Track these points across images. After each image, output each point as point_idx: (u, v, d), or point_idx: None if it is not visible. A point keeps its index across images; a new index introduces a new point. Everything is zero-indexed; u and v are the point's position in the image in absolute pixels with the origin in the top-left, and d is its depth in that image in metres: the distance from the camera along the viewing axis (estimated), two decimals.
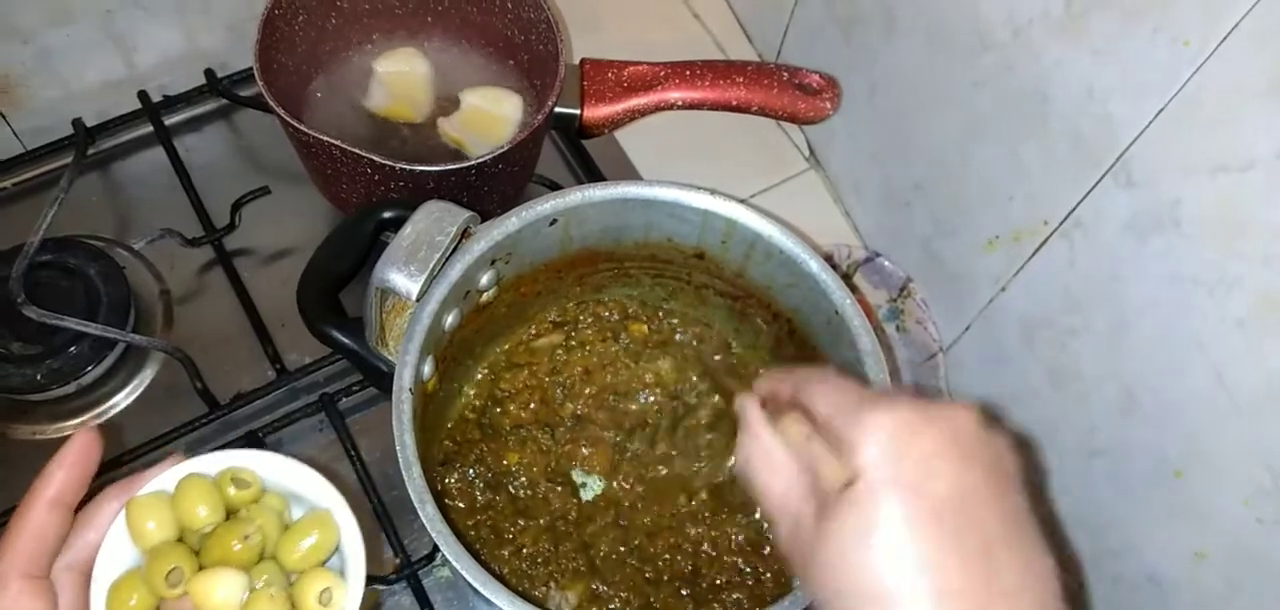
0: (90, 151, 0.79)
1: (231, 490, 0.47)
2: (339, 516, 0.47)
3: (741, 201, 0.64)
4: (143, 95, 0.82)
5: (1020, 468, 0.44)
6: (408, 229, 0.58)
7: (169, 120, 0.82)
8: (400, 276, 0.56)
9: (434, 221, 0.58)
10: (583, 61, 0.80)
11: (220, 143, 0.84)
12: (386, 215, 0.65)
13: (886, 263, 0.85)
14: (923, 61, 0.77)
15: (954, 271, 0.79)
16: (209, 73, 0.83)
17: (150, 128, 0.81)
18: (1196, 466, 0.61)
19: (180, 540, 0.46)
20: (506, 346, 0.72)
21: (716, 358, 0.73)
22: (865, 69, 0.84)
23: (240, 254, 0.78)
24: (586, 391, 0.71)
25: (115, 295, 0.72)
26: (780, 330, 0.68)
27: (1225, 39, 0.54)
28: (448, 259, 0.59)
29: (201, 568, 0.45)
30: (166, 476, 0.46)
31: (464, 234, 0.60)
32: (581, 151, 0.87)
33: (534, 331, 0.73)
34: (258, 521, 0.46)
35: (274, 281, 0.78)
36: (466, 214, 0.59)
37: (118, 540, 0.45)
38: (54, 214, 0.70)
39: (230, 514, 0.47)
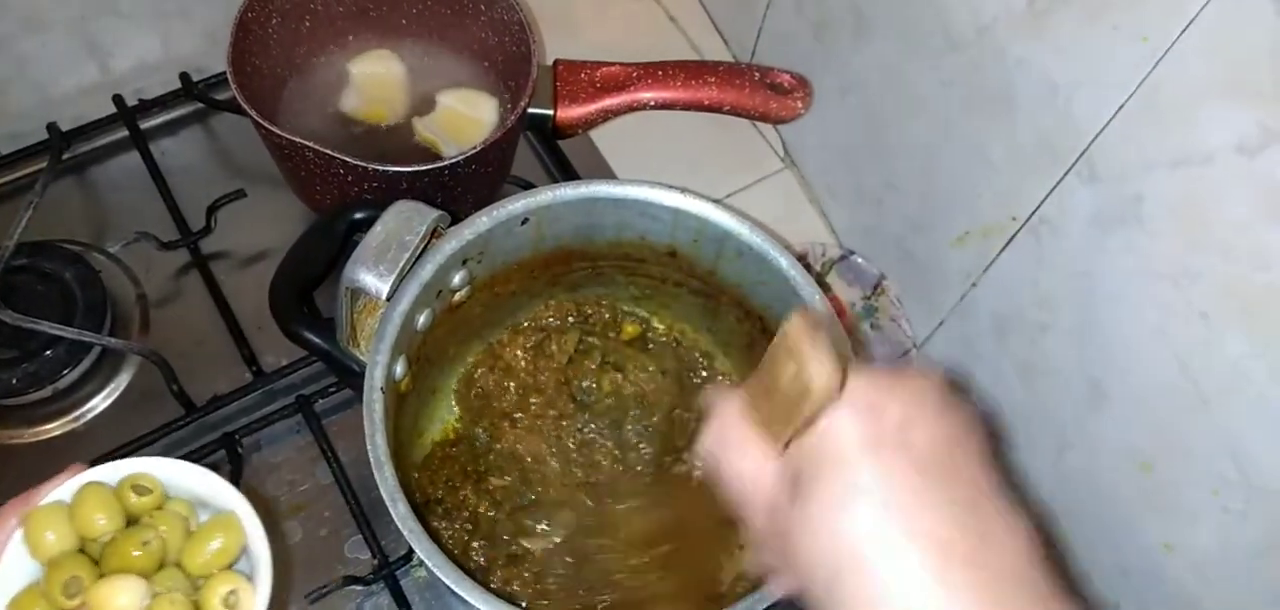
0: (65, 156, 0.79)
1: (132, 498, 0.47)
2: (245, 519, 0.48)
3: (712, 200, 0.65)
4: (118, 99, 0.82)
5: (984, 438, 0.43)
6: (377, 229, 0.59)
7: (144, 124, 0.82)
8: (370, 276, 0.57)
9: (403, 221, 0.59)
10: (556, 63, 0.81)
11: (196, 146, 0.84)
12: (358, 215, 0.65)
13: (860, 260, 0.86)
14: (893, 61, 0.78)
15: (926, 268, 0.80)
16: (184, 76, 0.83)
17: (126, 132, 0.81)
18: (1164, 459, 0.61)
19: (81, 551, 0.46)
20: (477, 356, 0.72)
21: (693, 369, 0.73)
22: (837, 69, 0.84)
23: (216, 257, 0.79)
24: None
25: (91, 298, 0.73)
26: (753, 328, 0.69)
27: (1181, 34, 0.54)
28: (418, 258, 0.59)
29: (102, 576, 0.45)
30: (65, 487, 0.46)
31: (434, 233, 0.60)
32: (556, 152, 0.87)
33: (505, 340, 0.73)
34: (160, 528, 0.46)
35: (250, 284, 0.78)
36: (436, 213, 0.60)
37: (16, 555, 0.45)
38: (29, 218, 0.70)
39: (132, 522, 0.47)
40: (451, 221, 0.61)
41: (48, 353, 0.71)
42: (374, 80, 0.84)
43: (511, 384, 0.71)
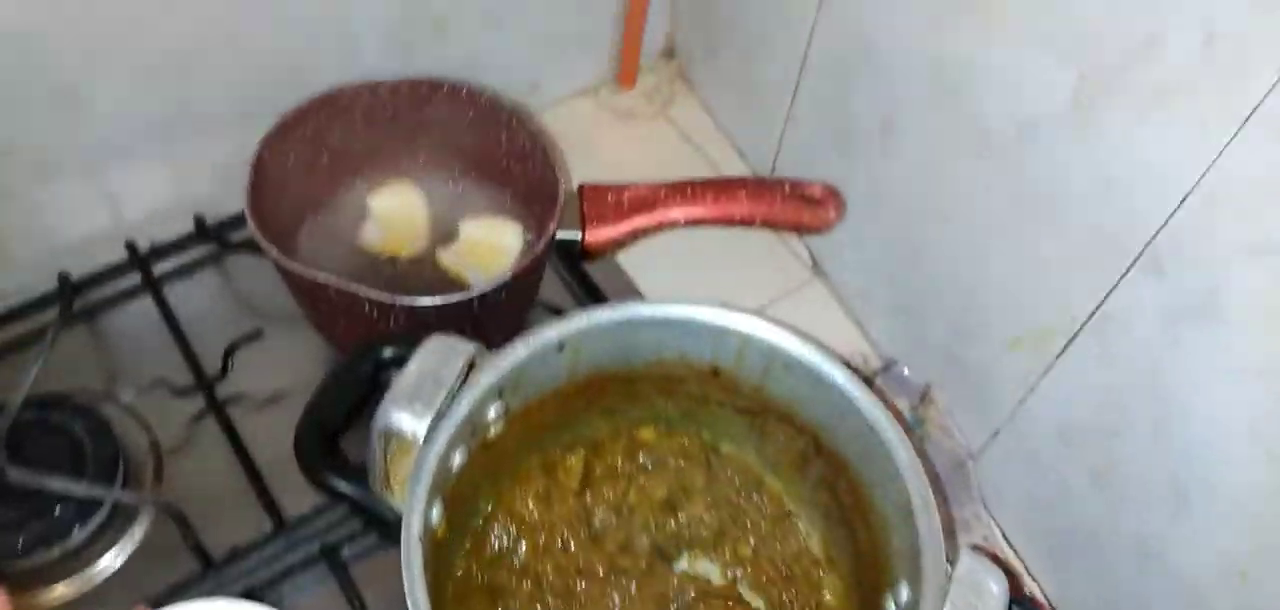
0: (76, 305, 0.76)
1: None
2: None
3: (757, 314, 0.62)
4: (130, 245, 0.79)
5: None
6: (411, 367, 0.55)
7: (158, 269, 0.80)
8: (405, 417, 0.53)
9: (438, 357, 0.55)
10: (581, 186, 0.78)
11: (211, 289, 0.82)
12: (386, 353, 0.62)
13: (904, 370, 0.82)
14: (925, 166, 0.76)
15: (977, 376, 0.76)
16: (198, 219, 0.81)
17: (139, 278, 0.79)
18: (1263, 565, 0.57)
19: None
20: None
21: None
22: (865, 177, 0.82)
23: (233, 401, 0.75)
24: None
25: (102, 451, 0.69)
26: (806, 445, 0.65)
27: (1247, 121, 0.52)
28: (454, 395, 0.55)
29: None
30: None
31: (469, 368, 0.57)
32: (582, 275, 0.85)
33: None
34: None
35: (269, 428, 0.74)
36: (471, 346, 0.56)
37: None
38: (37, 371, 0.67)
39: None
40: (486, 353, 0.58)
41: (56, 511, 0.67)
42: (394, 213, 0.82)
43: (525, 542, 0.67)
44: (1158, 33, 0.55)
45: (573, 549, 0.67)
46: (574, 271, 0.85)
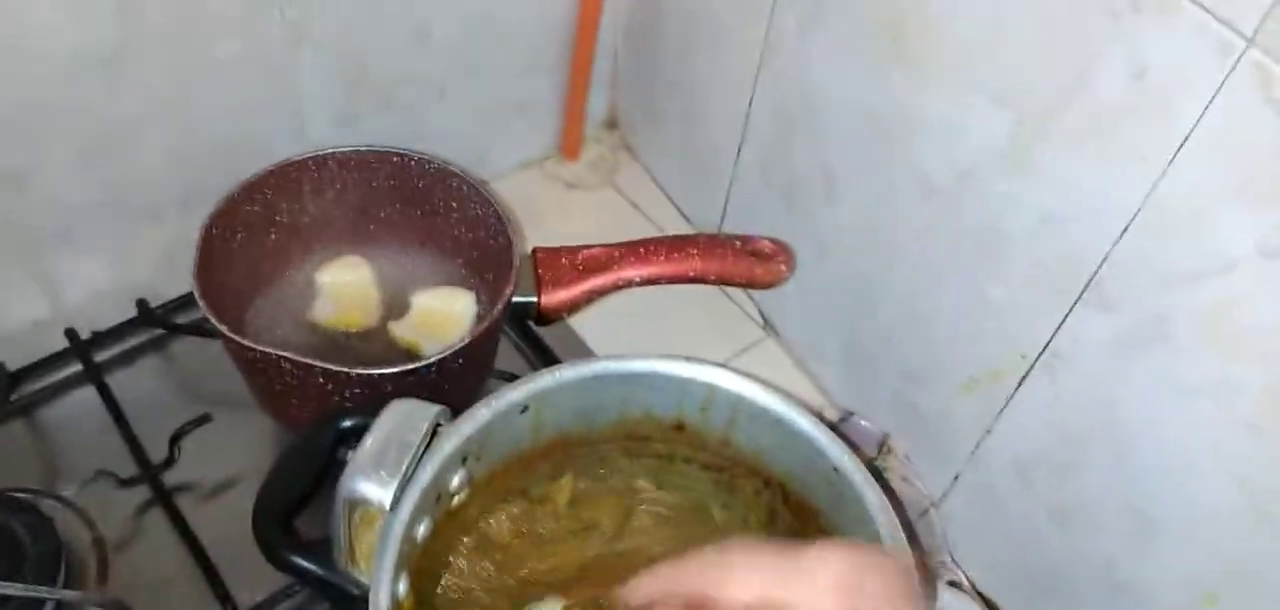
0: (14, 396, 0.73)
1: None
2: None
3: (721, 366, 0.62)
4: (70, 333, 0.77)
5: None
6: (374, 433, 0.54)
7: (99, 357, 0.77)
8: (370, 485, 0.52)
9: (401, 420, 0.54)
10: (535, 250, 0.78)
11: (155, 375, 0.79)
12: (345, 424, 0.60)
13: (861, 421, 0.83)
14: (868, 217, 0.77)
15: (933, 421, 0.77)
16: (141, 303, 0.79)
17: (79, 366, 0.76)
18: (1232, 586, 0.58)
19: None
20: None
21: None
22: (810, 232, 0.84)
23: (181, 490, 0.72)
24: None
25: (42, 549, 0.66)
26: (773, 498, 0.65)
27: (1179, 150, 0.54)
28: (419, 460, 0.54)
29: None
30: None
31: (434, 431, 0.56)
32: (536, 340, 0.84)
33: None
34: None
35: (220, 516, 0.71)
36: (436, 409, 0.55)
37: None
38: None
39: None
40: (454, 414, 0.57)
41: None
42: (344, 287, 0.81)
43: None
44: (1088, 71, 0.57)
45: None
46: (527, 338, 0.85)
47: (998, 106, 0.63)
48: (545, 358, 0.83)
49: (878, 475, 0.79)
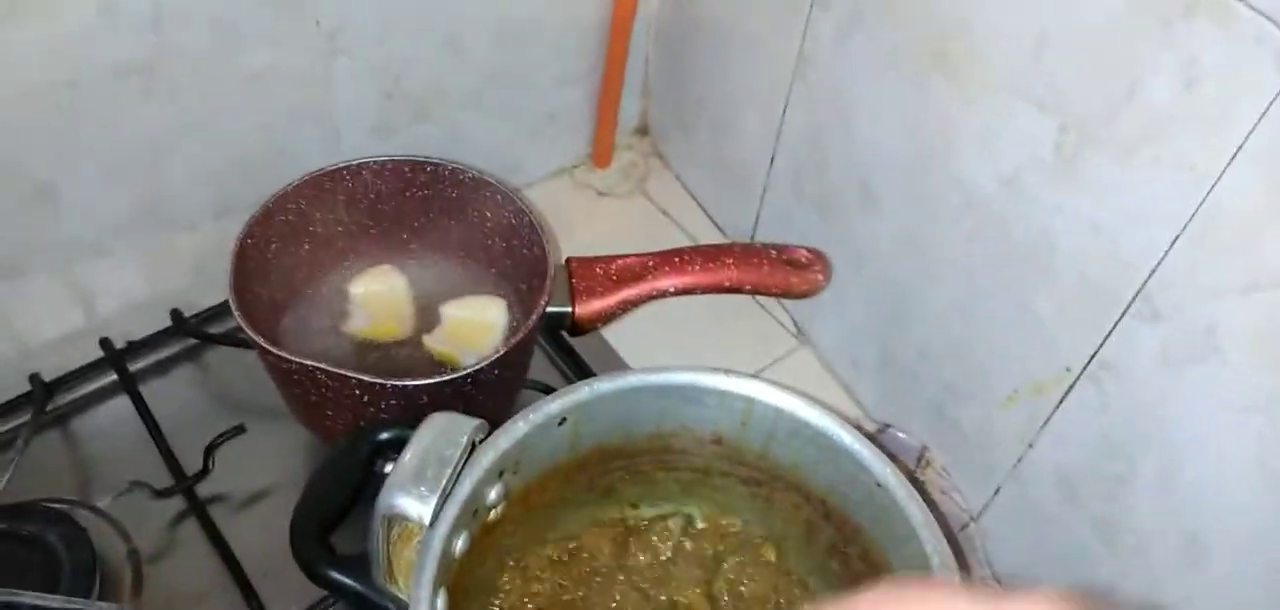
0: (49, 408, 0.74)
1: None
2: None
3: (762, 379, 0.61)
4: (105, 343, 0.77)
5: None
6: (412, 447, 0.54)
7: (133, 367, 0.77)
8: (410, 501, 0.51)
9: (440, 435, 0.54)
10: (569, 259, 0.78)
11: (189, 385, 0.79)
12: (382, 437, 0.60)
13: (899, 434, 0.82)
14: (907, 227, 0.77)
15: (974, 434, 0.76)
16: (175, 313, 0.79)
17: (114, 376, 0.76)
18: None
19: None
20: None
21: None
22: (847, 242, 0.83)
23: (215, 501, 0.72)
24: None
25: (78, 561, 0.66)
26: (814, 513, 0.64)
27: (1232, 159, 0.53)
28: (458, 475, 0.54)
29: None
30: None
31: (473, 446, 0.55)
32: (569, 351, 0.84)
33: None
34: None
35: (254, 527, 0.71)
36: (474, 422, 0.55)
37: None
38: (8, 479, 0.65)
39: None
40: (491, 426, 0.56)
41: None
42: (378, 298, 0.80)
43: None
44: (1138, 78, 0.56)
45: None
46: (561, 348, 0.84)
47: (1043, 114, 0.62)
48: (579, 369, 0.83)
49: (918, 488, 0.78)
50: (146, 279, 0.79)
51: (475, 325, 0.79)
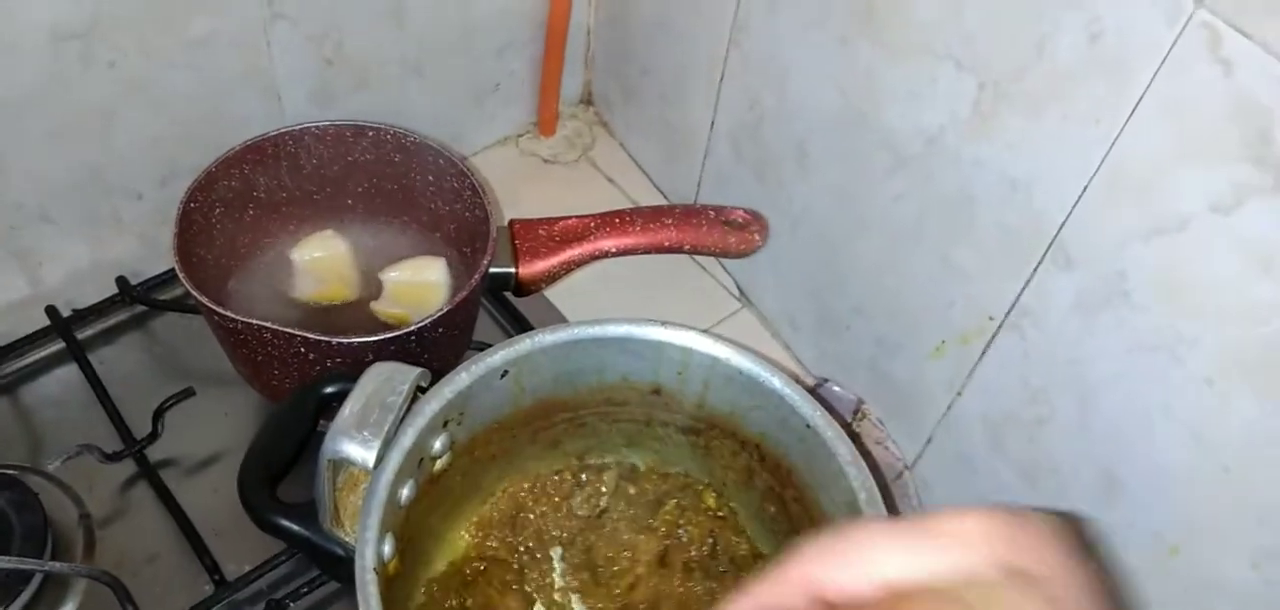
0: None
1: None
2: None
3: (697, 330, 0.63)
4: (51, 310, 0.77)
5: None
6: (356, 393, 0.55)
7: (81, 334, 0.78)
8: (353, 445, 0.53)
9: (383, 381, 0.55)
10: (512, 221, 0.80)
11: (137, 351, 0.80)
12: (327, 390, 0.61)
13: (836, 387, 0.84)
14: (840, 187, 0.79)
15: (906, 386, 0.79)
16: (121, 281, 0.79)
17: (61, 344, 0.77)
18: (1193, 539, 0.60)
19: None
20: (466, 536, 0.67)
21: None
22: (784, 204, 0.85)
23: (166, 464, 0.73)
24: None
25: (29, 523, 0.66)
26: (750, 459, 0.66)
27: (1133, 112, 0.56)
28: (401, 422, 0.56)
29: None
30: None
31: (416, 392, 0.57)
32: (514, 313, 0.86)
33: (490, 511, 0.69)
34: None
35: (205, 489, 0.72)
36: (416, 371, 0.57)
37: None
38: None
39: None
40: (427, 377, 0.58)
41: None
42: (321, 263, 0.81)
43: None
44: (1048, 34, 0.59)
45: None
46: (505, 310, 0.86)
47: (962, 72, 0.65)
48: (522, 329, 0.84)
49: (853, 439, 0.81)
50: (91, 247, 0.80)
51: (418, 286, 0.80)
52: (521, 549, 0.68)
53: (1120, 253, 0.59)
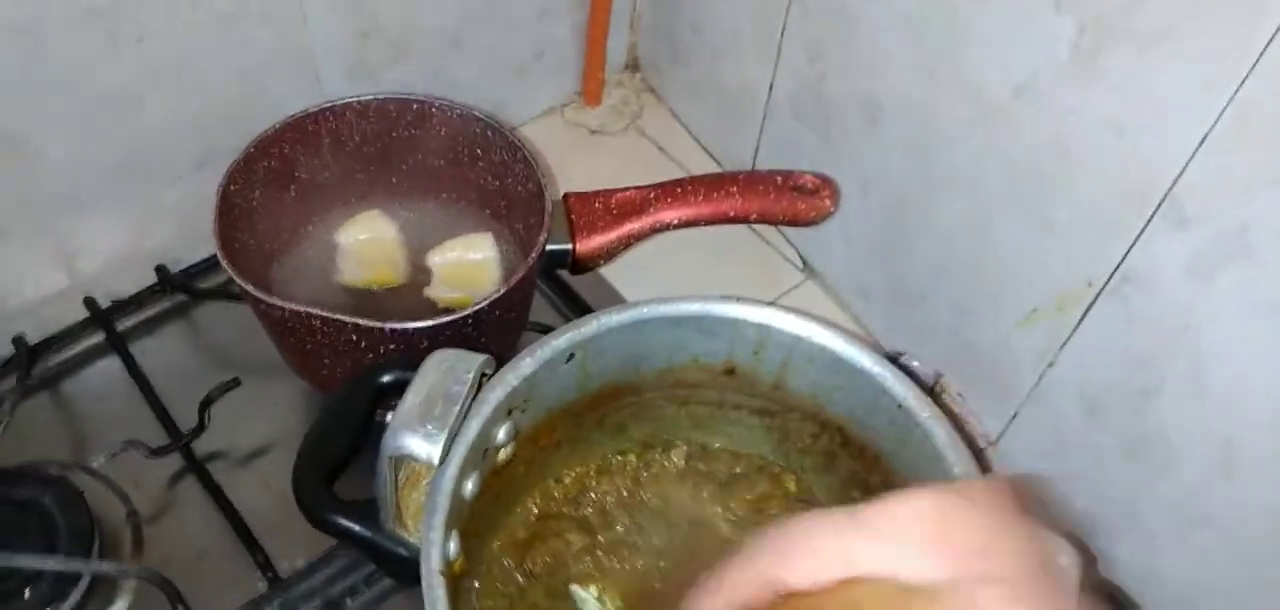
0: (35, 369, 0.71)
1: None
2: None
3: (777, 306, 0.59)
4: (89, 302, 0.74)
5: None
6: (417, 385, 0.51)
7: (121, 326, 0.75)
8: (417, 440, 0.49)
9: (446, 371, 0.51)
10: (566, 194, 0.75)
11: (180, 342, 0.77)
12: (385, 379, 0.57)
13: (913, 362, 0.79)
14: (916, 143, 0.74)
15: (990, 357, 0.74)
16: (160, 269, 0.76)
17: (102, 336, 0.74)
18: None
19: None
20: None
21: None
22: (851, 165, 0.80)
23: (213, 458, 0.70)
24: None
25: (75, 523, 0.63)
26: (831, 442, 0.62)
27: (1266, 48, 0.50)
28: (466, 413, 0.51)
29: None
30: None
31: (480, 381, 0.53)
32: (570, 293, 0.82)
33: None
34: None
35: (255, 482, 0.69)
36: (481, 358, 0.52)
37: None
38: None
39: None
40: (496, 366, 0.54)
41: (28, 592, 0.61)
42: (366, 245, 0.78)
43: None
44: None
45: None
46: (561, 291, 0.82)
47: (1059, 11, 0.59)
48: (580, 310, 0.80)
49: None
50: (129, 235, 0.76)
51: (467, 266, 0.76)
52: (587, 511, 0.64)
53: (1243, 205, 0.54)
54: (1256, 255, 0.54)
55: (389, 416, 0.53)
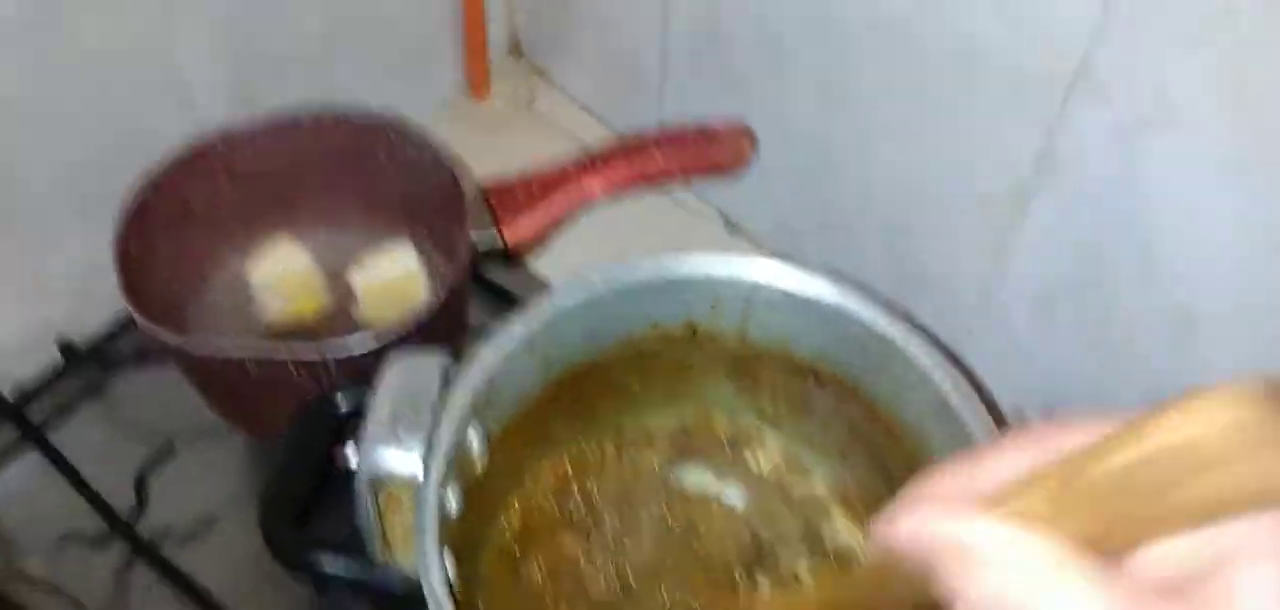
0: None
1: None
2: None
3: (728, 253, 0.58)
4: None
5: None
6: (379, 400, 0.48)
7: (34, 416, 0.69)
8: (394, 454, 0.46)
9: (409, 373, 0.49)
10: (481, 185, 0.72)
11: (101, 420, 0.71)
12: (342, 409, 0.54)
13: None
14: (822, 73, 0.73)
15: (932, 276, 0.74)
16: (65, 346, 0.71)
17: (16, 432, 0.68)
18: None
19: None
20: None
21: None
22: (762, 111, 0.79)
23: (162, 537, 0.66)
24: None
25: None
26: (805, 385, 0.61)
27: None
28: (438, 415, 0.49)
29: None
30: None
31: (445, 380, 0.50)
32: (501, 292, 0.79)
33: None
34: None
35: (210, 553, 0.65)
36: (439, 354, 0.50)
37: None
38: None
39: None
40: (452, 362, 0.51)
41: None
42: (282, 278, 0.74)
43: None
44: None
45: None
46: (493, 293, 0.79)
47: None
48: (514, 305, 0.77)
49: None
50: (20, 313, 0.70)
51: (392, 279, 0.73)
52: (573, 510, 0.63)
53: (1160, 65, 0.54)
54: (1178, 118, 0.55)
55: (349, 451, 0.50)
